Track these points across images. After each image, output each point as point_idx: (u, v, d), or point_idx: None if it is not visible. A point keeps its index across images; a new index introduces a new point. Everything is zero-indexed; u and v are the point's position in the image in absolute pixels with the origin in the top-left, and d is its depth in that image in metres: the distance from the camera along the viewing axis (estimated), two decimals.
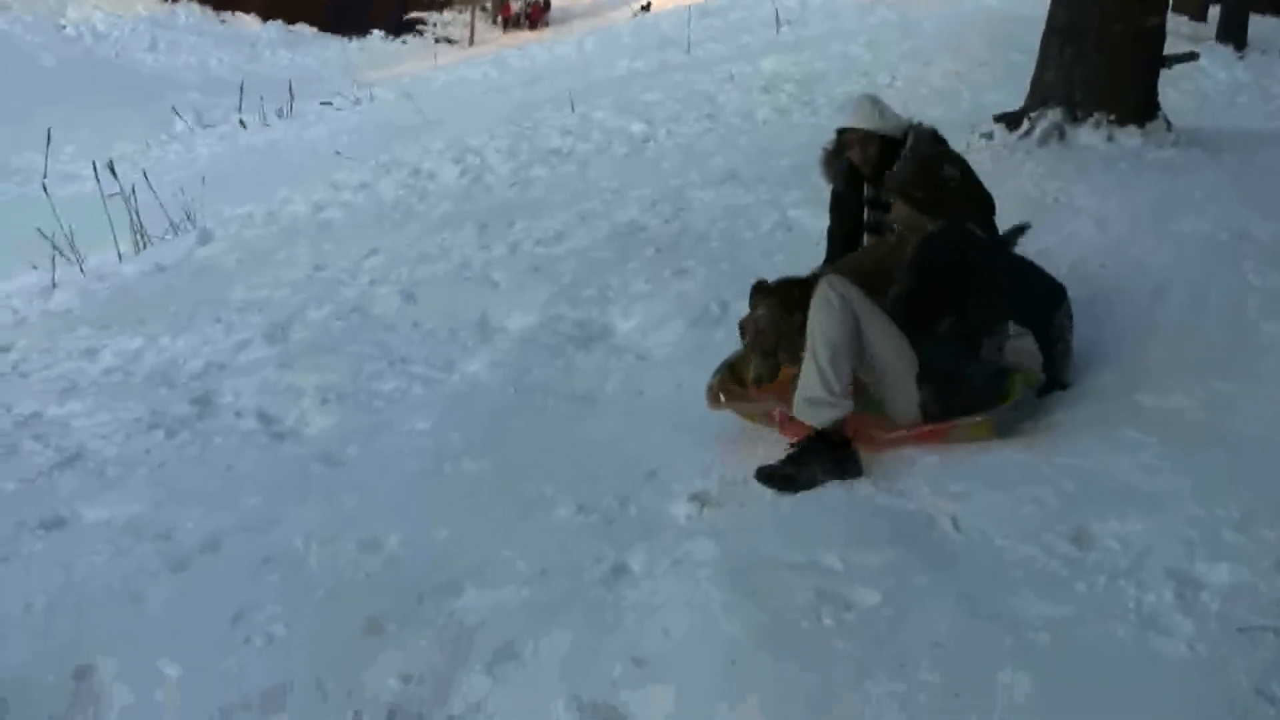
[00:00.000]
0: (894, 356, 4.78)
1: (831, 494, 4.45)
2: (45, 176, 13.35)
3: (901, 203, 5.03)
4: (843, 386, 4.66)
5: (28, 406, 7.13)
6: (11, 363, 8.45)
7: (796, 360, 4.89)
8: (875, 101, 5.63)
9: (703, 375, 5.51)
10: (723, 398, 5.21)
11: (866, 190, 5.77)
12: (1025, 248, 5.69)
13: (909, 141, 5.29)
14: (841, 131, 5.72)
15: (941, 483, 4.39)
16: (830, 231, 6.11)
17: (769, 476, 4.63)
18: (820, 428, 4.67)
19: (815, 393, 4.66)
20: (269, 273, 9.73)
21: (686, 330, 6.51)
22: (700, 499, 4.62)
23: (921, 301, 4.82)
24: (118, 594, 4.59)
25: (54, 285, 11.08)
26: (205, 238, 11.65)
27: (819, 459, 4.62)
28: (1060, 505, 4.14)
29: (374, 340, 7.36)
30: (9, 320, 10.09)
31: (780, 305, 5.09)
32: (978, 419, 4.74)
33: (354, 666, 3.82)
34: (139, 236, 12.44)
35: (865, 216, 5.82)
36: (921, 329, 4.79)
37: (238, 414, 6.40)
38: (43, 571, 4.89)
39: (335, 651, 3.93)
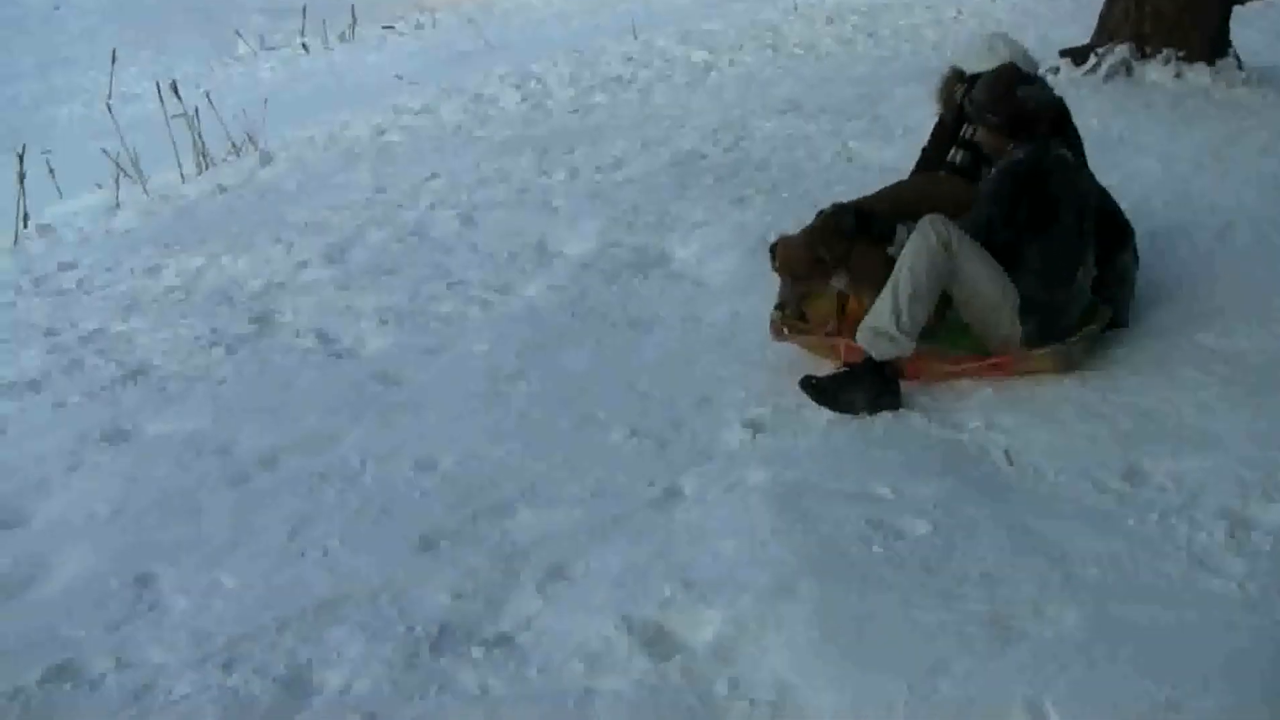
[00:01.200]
0: (996, 292, 4.72)
1: (884, 425, 4.45)
2: (110, 97, 13.41)
3: (983, 129, 4.96)
4: (913, 326, 4.64)
5: (92, 323, 7.23)
6: (76, 280, 8.56)
7: (825, 287, 5.02)
8: (1006, 40, 5.51)
9: (759, 304, 5.52)
10: (786, 331, 5.21)
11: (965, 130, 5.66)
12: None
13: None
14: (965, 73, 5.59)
15: (995, 416, 4.39)
16: (920, 158, 6.01)
17: (812, 386, 4.65)
18: (878, 359, 4.66)
19: (884, 324, 4.64)
20: (329, 195, 9.77)
21: (744, 259, 6.48)
22: (753, 425, 4.63)
23: (1001, 229, 4.73)
24: (178, 506, 4.68)
25: (118, 205, 11.18)
26: (266, 160, 11.71)
27: (864, 388, 4.61)
28: (1114, 441, 4.13)
29: (432, 263, 7.40)
30: (74, 239, 10.21)
31: (825, 231, 5.01)
32: (1044, 351, 4.70)
33: (407, 582, 3.87)
34: (201, 158, 12.50)
35: (952, 153, 5.72)
36: (1005, 257, 4.72)
37: (296, 333, 6.47)
38: (106, 482, 4.99)
39: (389, 567, 3.98)
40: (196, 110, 12.68)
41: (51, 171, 12.26)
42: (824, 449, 4.33)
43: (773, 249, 5.14)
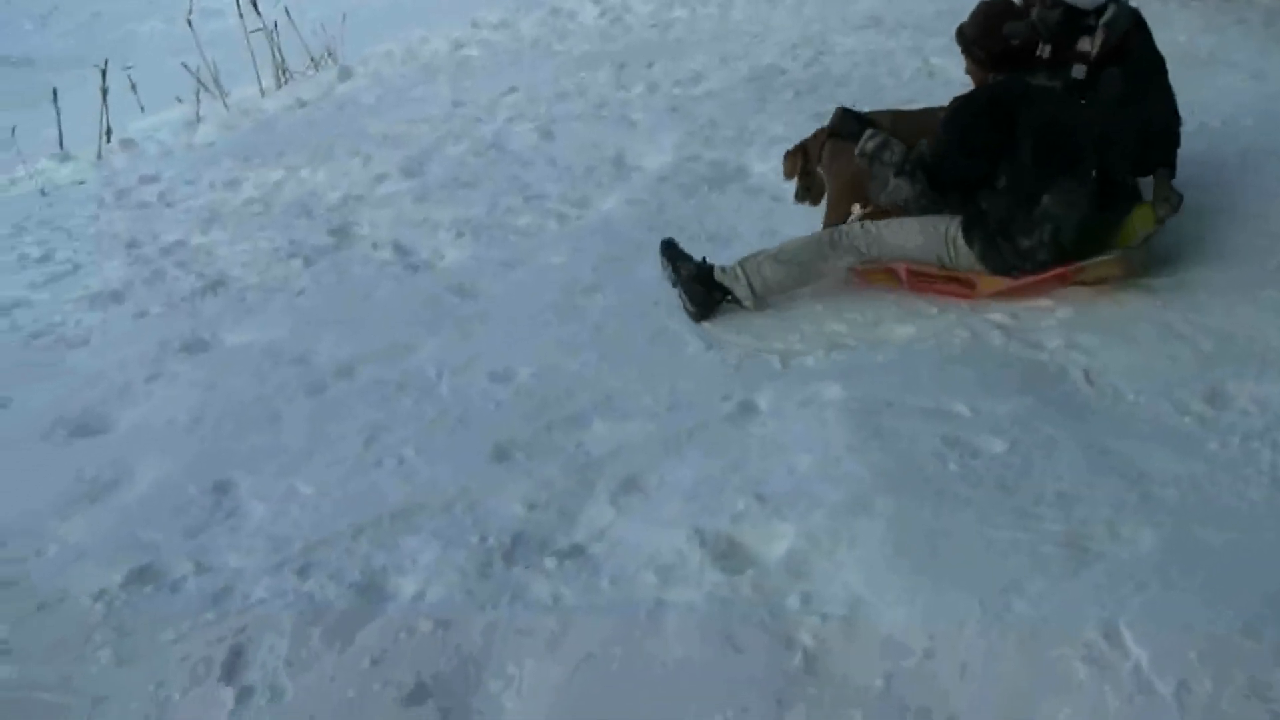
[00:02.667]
0: (926, 243, 4.82)
1: (962, 343, 4.39)
2: (190, 13, 13.45)
3: (969, 61, 4.93)
4: (761, 285, 4.97)
5: (173, 234, 7.32)
6: (158, 193, 8.66)
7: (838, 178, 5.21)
8: None
9: None
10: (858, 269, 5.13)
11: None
12: (1181, 101, 5.50)
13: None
14: None
15: (1075, 335, 4.32)
16: None
17: (670, 248, 5.17)
18: (716, 277, 5.01)
19: (738, 264, 5.01)
20: (407, 109, 9.80)
21: None
22: (830, 340, 4.60)
23: (958, 156, 4.74)
24: (255, 414, 4.74)
25: (198, 119, 11.28)
26: (345, 74, 11.74)
27: (695, 285, 5.00)
28: (1196, 363, 4.05)
29: (510, 176, 7.40)
30: (155, 152, 10.31)
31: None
32: (1106, 257, 4.66)
33: (482, 492, 3.89)
34: (281, 72, 12.56)
35: None
36: (959, 182, 4.75)
37: (374, 245, 6.51)
38: (185, 391, 5.07)
39: (464, 477, 4.00)
40: (276, 25, 12.73)
41: (133, 87, 12.38)
42: (900, 365, 4.28)
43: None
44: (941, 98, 6.15)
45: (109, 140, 11.12)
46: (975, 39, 4.84)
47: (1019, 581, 3.04)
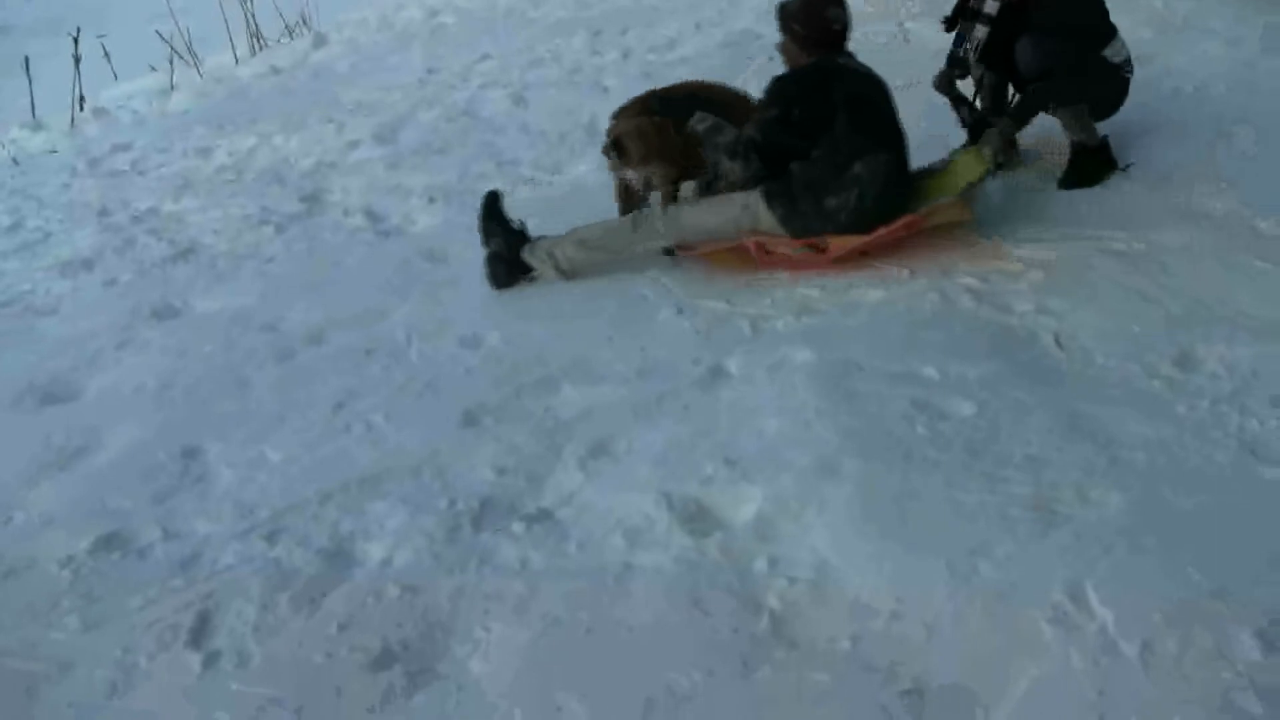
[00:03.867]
0: (723, 219, 5.02)
1: (932, 307, 4.39)
2: None
3: (786, 37, 5.05)
4: (566, 262, 5.15)
5: (145, 202, 7.29)
6: (130, 161, 8.63)
7: (675, 166, 5.28)
8: None
9: None
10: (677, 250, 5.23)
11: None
12: (1154, 67, 5.50)
13: None
14: None
15: (1045, 299, 4.31)
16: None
17: (488, 210, 5.32)
18: (526, 256, 5.19)
19: (551, 242, 5.18)
20: (381, 76, 9.78)
21: None
22: (800, 305, 4.59)
23: (779, 130, 4.88)
24: (225, 381, 4.73)
25: (172, 87, 11.22)
26: (319, 41, 11.70)
27: (495, 262, 5.20)
28: (1166, 327, 4.05)
29: (482, 142, 7.38)
30: (128, 120, 10.27)
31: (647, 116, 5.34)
32: (944, 201, 4.89)
33: (450, 457, 3.88)
34: (255, 40, 12.50)
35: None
36: (782, 157, 4.90)
37: (345, 212, 6.49)
38: (155, 358, 5.07)
39: (433, 442, 3.99)
40: None
41: (107, 55, 12.30)
42: (871, 329, 4.28)
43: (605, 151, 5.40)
44: (917, 63, 6.17)
45: (82, 109, 11.07)
46: (798, 16, 4.95)
47: (986, 544, 3.04)
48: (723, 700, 2.71)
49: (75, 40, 11.52)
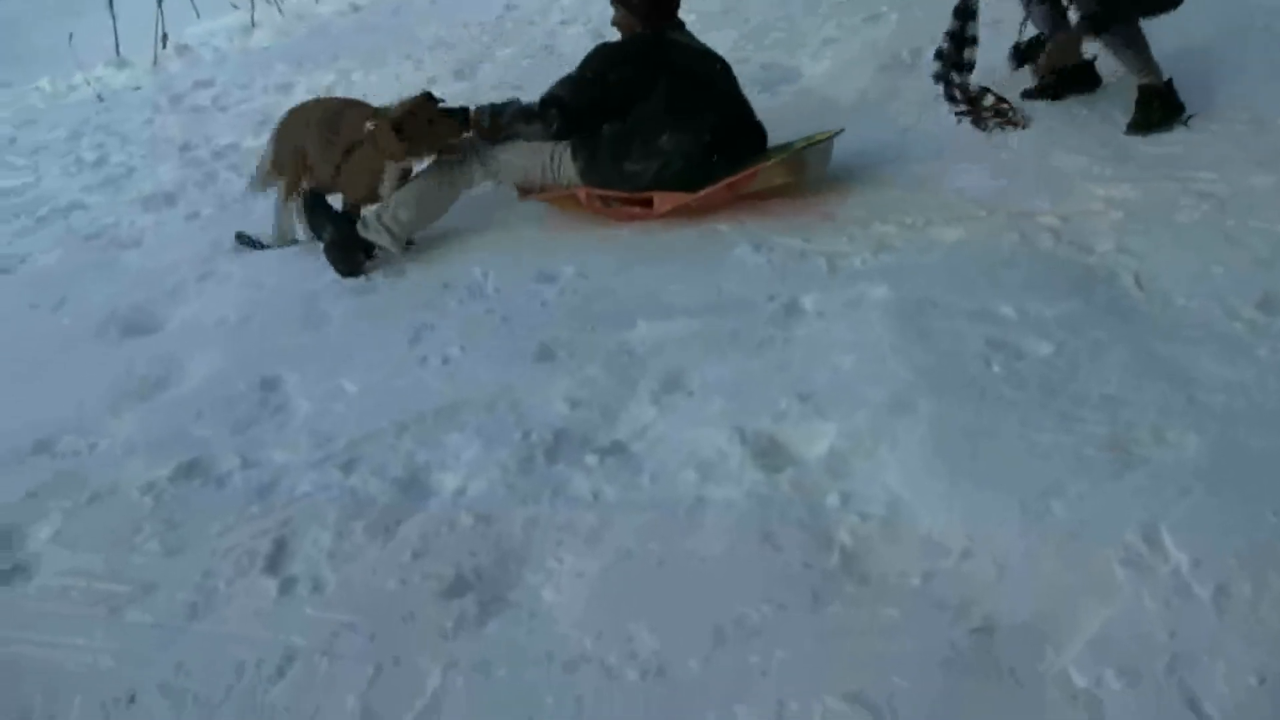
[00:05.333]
0: (531, 162, 5.21)
1: (1011, 245, 4.34)
2: None
3: (621, 7, 5.16)
4: (395, 224, 5.20)
5: (226, 138, 7.36)
6: (212, 97, 8.72)
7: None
8: None
9: (889, 121, 5.57)
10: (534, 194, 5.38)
11: None
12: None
13: None
14: None
15: (1126, 239, 4.25)
16: None
17: (312, 210, 5.35)
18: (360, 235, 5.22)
19: (373, 213, 5.25)
20: (461, 13, 9.74)
21: (875, 75, 6.33)
22: (878, 242, 4.56)
23: (592, 90, 5.03)
24: (304, 313, 4.79)
25: (253, 24, 11.27)
26: None
27: (342, 242, 5.18)
28: (1250, 269, 3.98)
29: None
30: (210, 58, 10.35)
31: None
32: (769, 164, 4.97)
33: (525, 390, 3.90)
34: None
35: None
36: (591, 118, 5.06)
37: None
38: (236, 290, 5.13)
39: (508, 375, 4.02)
40: None
41: None
42: (948, 267, 4.24)
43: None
44: None
45: (165, 46, 11.16)
46: None
47: (1060, 483, 3.02)
48: (792, 633, 2.72)
49: None
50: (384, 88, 7.83)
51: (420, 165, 5.40)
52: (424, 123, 5.16)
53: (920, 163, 5.18)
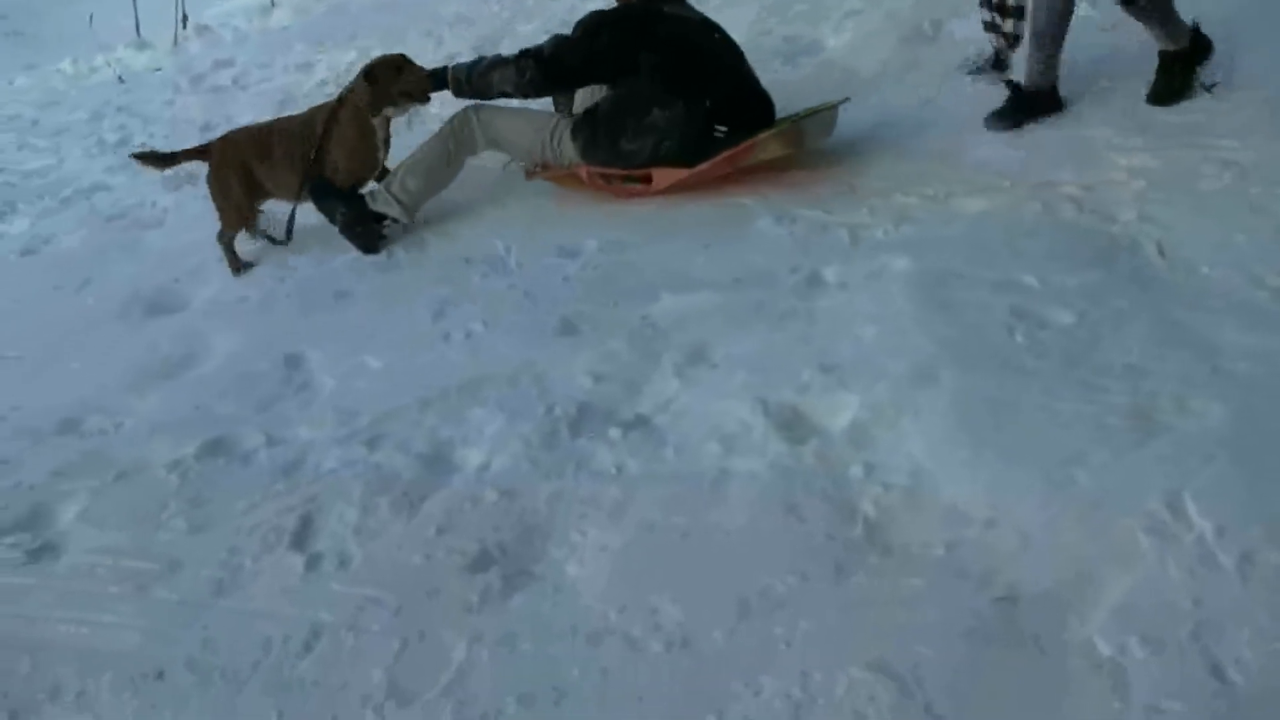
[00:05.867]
0: (530, 136, 5.27)
1: (1034, 215, 4.32)
2: None
3: None
4: (404, 194, 5.23)
5: (246, 117, 7.36)
6: (232, 77, 8.74)
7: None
8: None
9: (911, 93, 5.54)
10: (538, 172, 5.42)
11: None
12: None
13: None
14: None
15: (1149, 208, 4.22)
16: None
17: (319, 196, 5.31)
18: (371, 207, 5.26)
19: (381, 185, 5.30)
20: None
21: (897, 47, 6.29)
22: (899, 213, 4.54)
23: (577, 53, 5.02)
24: (326, 290, 4.83)
25: (273, 4, 11.28)
26: None
27: (354, 219, 5.22)
28: (1275, 238, 3.93)
29: None
30: (230, 38, 10.37)
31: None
32: (766, 134, 4.94)
33: (548, 364, 3.91)
34: None
35: None
36: (568, 78, 5.16)
37: (442, 124, 6.48)
38: (257, 269, 5.16)
39: (531, 350, 4.03)
40: None
41: None
42: (970, 238, 4.22)
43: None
44: None
45: (185, 27, 11.17)
46: None
47: (1083, 453, 3.01)
48: (816, 604, 2.73)
49: None
50: None
51: (401, 115, 5.57)
52: (392, 69, 5.27)
53: (941, 134, 5.16)
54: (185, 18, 11.28)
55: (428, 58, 7.78)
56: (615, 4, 5.20)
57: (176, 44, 10.80)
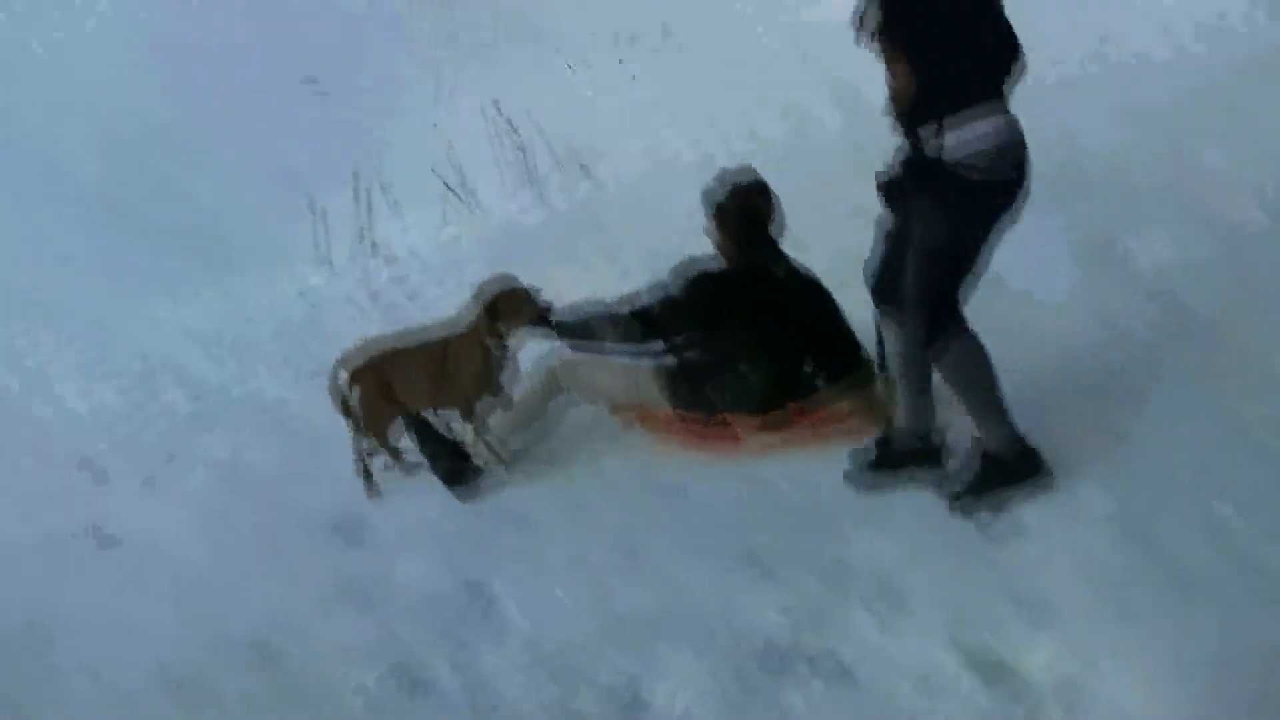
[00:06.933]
0: (621, 387, 5.24)
1: (1229, 441, 4.11)
2: (438, 118, 13.87)
3: (721, 232, 5.05)
4: (503, 448, 5.30)
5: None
6: (408, 295, 8.98)
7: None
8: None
9: None
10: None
11: None
12: None
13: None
14: None
15: None
16: None
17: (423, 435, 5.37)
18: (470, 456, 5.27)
19: (477, 439, 5.29)
20: (657, 216, 9.89)
21: None
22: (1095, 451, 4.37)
23: (682, 319, 5.04)
24: (510, 516, 4.88)
25: (445, 222, 11.63)
26: (586, 175, 11.94)
27: (448, 464, 5.24)
28: None
29: None
30: (406, 255, 10.69)
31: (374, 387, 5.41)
32: (832, 389, 4.88)
33: (736, 599, 3.88)
34: (529, 176, 12.85)
35: None
36: (672, 337, 5.09)
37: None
38: (441, 492, 5.23)
39: (718, 583, 4.00)
40: (514, 127, 13.05)
41: (384, 190, 12.84)
42: (1169, 468, 4.01)
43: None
44: None
45: (362, 243, 11.56)
46: (734, 214, 4.98)
47: None
48: None
49: (356, 177, 12.08)
50: (574, 280, 7.95)
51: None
52: (515, 300, 5.51)
53: None
54: (363, 237, 11.66)
55: (599, 273, 7.93)
56: (723, 266, 5.11)
57: (355, 261, 11.15)
